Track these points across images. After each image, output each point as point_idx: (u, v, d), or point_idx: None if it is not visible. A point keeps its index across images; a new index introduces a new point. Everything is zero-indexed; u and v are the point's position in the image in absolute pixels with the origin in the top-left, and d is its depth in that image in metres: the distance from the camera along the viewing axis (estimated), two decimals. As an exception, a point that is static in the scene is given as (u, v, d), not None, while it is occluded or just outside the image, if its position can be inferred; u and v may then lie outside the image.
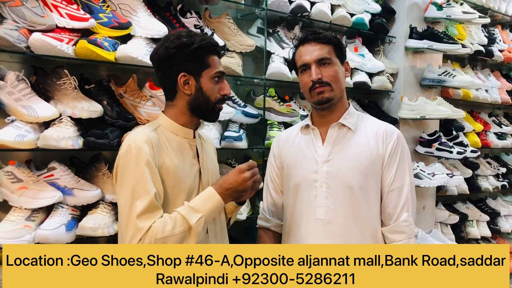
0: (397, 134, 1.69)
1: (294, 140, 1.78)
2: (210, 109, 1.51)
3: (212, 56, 1.49)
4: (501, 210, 3.66)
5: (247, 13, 2.52)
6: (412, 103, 2.84)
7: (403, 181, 1.65)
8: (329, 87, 1.63)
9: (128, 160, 1.38)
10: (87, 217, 1.83)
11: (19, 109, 1.71)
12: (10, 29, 1.66)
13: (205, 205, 1.41)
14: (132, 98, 2.00)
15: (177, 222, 1.36)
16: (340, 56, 1.68)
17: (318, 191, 1.64)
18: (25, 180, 1.75)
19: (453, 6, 2.91)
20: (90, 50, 1.77)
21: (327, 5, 2.58)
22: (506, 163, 3.85)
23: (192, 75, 1.47)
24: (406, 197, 1.64)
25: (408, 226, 1.63)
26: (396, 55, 2.97)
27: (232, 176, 1.46)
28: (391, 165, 1.65)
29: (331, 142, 1.67)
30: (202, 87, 1.47)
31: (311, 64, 1.63)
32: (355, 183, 1.62)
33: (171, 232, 1.34)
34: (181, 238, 1.36)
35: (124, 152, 1.40)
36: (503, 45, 3.66)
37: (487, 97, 3.44)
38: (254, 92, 2.55)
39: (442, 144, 2.90)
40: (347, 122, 1.68)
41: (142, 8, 2.02)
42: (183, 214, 1.37)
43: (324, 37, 1.65)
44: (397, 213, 1.63)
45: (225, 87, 1.53)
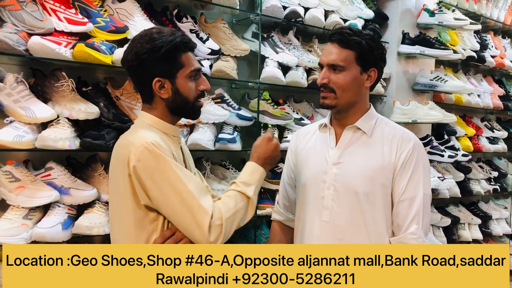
0: (413, 143, 1.60)
1: (311, 137, 1.74)
2: (190, 108, 1.47)
3: (185, 54, 1.42)
4: (493, 213, 3.71)
5: (242, 18, 2.57)
6: (404, 107, 2.89)
7: (416, 193, 1.56)
8: (333, 94, 1.57)
9: (154, 159, 1.32)
10: (83, 216, 1.87)
11: (18, 110, 1.75)
12: (9, 33, 1.70)
13: (253, 177, 1.48)
14: (128, 100, 2.05)
15: (237, 199, 1.41)
16: (363, 64, 1.57)
17: (326, 193, 1.61)
18: (23, 180, 1.78)
19: (445, 12, 2.97)
20: (87, 54, 1.81)
21: (321, 10, 2.63)
22: (498, 167, 3.90)
23: (166, 78, 1.41)
24: (418, 209, 1.55)
25: (415, 239, 1.53)
26: (389, 60, 3.02)
27: (264, 146, 1.52)
28: (404, 175, 1.57)
29: (344, 144, 1.63)
30: (179, 89, 1.42)
31: (323, 66, 1.59)
32: (361, 189, 1.57)
33: (235, 208, 1.39)
34: (244, 212, 1.43)
35: (142, 153, 1.31)
36: (495, 51, 3.72)
37: (479, 102, 3.49)
38: (248, 95, 2.60)
39: (434, 148, 2.95)
40: (362, 126, 1.62)
41: (139, 12, 2.07)
42: (239, 190, 1.43)
43: (346, 41, 1.55)
44: (406, 224, 1.55)
45: (202, 82, 1.48)
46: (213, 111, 2.26)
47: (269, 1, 2.43)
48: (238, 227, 1.43)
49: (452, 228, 3.42)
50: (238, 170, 2.46)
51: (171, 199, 1.32)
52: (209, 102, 2.29)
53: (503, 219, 3.83)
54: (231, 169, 2.43)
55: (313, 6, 2.60)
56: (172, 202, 1.33)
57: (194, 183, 1.35)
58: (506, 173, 3.90)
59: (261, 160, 1.51)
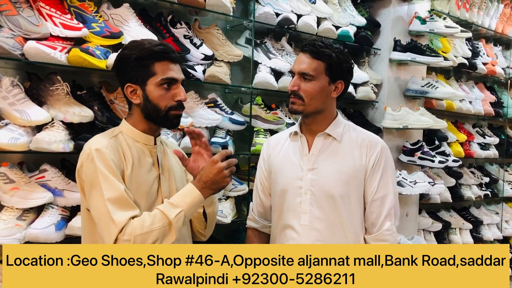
0: (381, 146, 1.72)
1: (283, 146, 1.81)
2: (163, 116, 1.49)
3: (159, 63, 1.46)
4: (484, 218, 3.75)
5: (236, 24, 2.61)
6: (395, 113, 2.93)
7: (386, 191, 1.69)
8: (301, 101, 1.66)
9: (91, 165, 1.38)
10: (77, 218, 1.89)
11: (13, 113, 1.79)
12: (6, 37, 1.73)
13: (184, 200, 1.41)
14: (122, 104, 2.08)
15: (156, 218, 1.36)
16: (332, 75, 1.66)
17: (303, 198, 1.68)
18: (17, 181, 1.82)
19: (436, 20, 3.02)
20: (82, 58, 1.85)
21: (313, 17, 2.68)
22: (489, 173, 3.94)
23: (138, 84, 1.47)
24: (389, 206, 1.68)
25: (391, 235, 1.66)
26: (381, 66, 3.07)
27: (208, 169, 1.44)
28: (374, 176, 1.69)
29: (316, 151, 1.71)
30: (148, 96, 1.47)
31: (295, 73, 1.68)
32: (337, 192, 1.66)
33: (150, 227, 1.34)
34: (161, 233, 1.35)
35: (85, 158, 1.40)
36: (487, 58, 3.77)
37: (470, 108, 3.54)
38: (241, 100, 2.64)
39: (424, 153, 2.99)
40: (332, 132, 1.71)
41: (133, 18, 2.10)
42: (162, 210, 1.38)
43: (317, 52, 1.64)
44: (380, 222, 1.67)
45: (179, 92, 1.49)
46: (206, 115, 2.29)
47: (262, 8, 2.48)
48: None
49: (443, 233, 3.46)
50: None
51: (94, 206, 1.39)
52: (202, 106, 2.33)
53: (494, 224, 3.87)
54: (224, 173, 2.46)
55: (305, 13, 2.65)
56: (94, 208, 1.39)
57: (116, 197, 1.36)
58: (497, 179, 3.94)
59: (201, 183, 1.43)
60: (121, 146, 1.48)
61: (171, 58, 1.49)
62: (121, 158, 1.45)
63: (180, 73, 1.52)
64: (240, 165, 2.67)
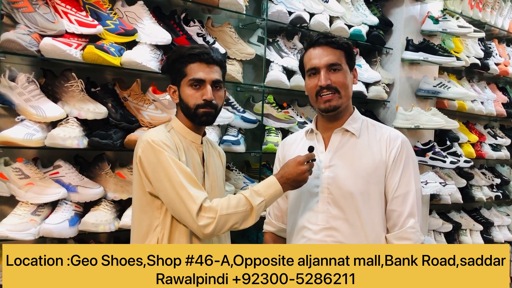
0: (401, 140, 1.64)
1: (299, 145, 1.75)
2: (192, 114, 1.59)
3: (190, 65, 1.57)
4: (495, 220, 3.72)
5: (248, 23, 2.62)
6: (406, 113, 2.92)
7: (409, 188, 1.59)
8: (337, 94, 1.59)
9: (154, 152, 1.48)
10: (90, 214, 1.92)
11: (29, 109, 1.81)
12: (22, 34, 1.76)
13: (267, 190, 1.51)
14: (135, 101, 2.09)
15: (240, 202, 1.47)
16: (350, 63, 1.64)
17: (320, 197, 1.61)
18: (32, 177, 1.84)
19: (449, 20, 3.00)
20: (97, 55, 1.86)
21: (326, 16, 2.67)
22: (501, 174, 3.91)
23: (175, 85, 1.63)
24: (412, 203, 1.58)
25: (414, 233, 1.56)
26: (393, 66, 3.06)
27: (292, 168, 1.53)
28: (395, 172, 1.60)
29: (333, 147, 1.64)
30: (181, 95, 1.60)
31: (320, 68, 1.58)
32: (356, 189, 1.58)
33: (235, 209, 1.45)
34: (243, 217, 1.46)
35: (146, 147, 1.49)
36: (499, 59, 3.74)
37: (482, 109, 3.52)
38: (253, 99, 2.64)
39: (436, 154, 2.97)
40: (350, 128, 1.64)
41: (147, 16, 2.12)
42: (247, 196, 1.48)
43: (335, 42, 1.60)
44: (403, 220, 1.57)
45: (205, 92, 1.57)
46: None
47: (275, 7, 2.48)
48: (233, 228, 1.48)
49: (454, 234, 3.44)
50: (241, 171, 2.50)
51: (167, 188, 1.46)
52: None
53: (505, 226, 3.83)
54: (235, 171, 2.47)
55: (318, 12, 2.64)
56: (167, 191, 1.46)
57: (187, 176, 1.46)
58: (508, 180, 3.91)
59: (283, 179, 1.53)
60: (175, 141, 1.57)
61: (204, 59, 1.58)
62: (177, 150, 1.54)
63: (211, 73, 1.59)
64: (251, 163, 2.67)
